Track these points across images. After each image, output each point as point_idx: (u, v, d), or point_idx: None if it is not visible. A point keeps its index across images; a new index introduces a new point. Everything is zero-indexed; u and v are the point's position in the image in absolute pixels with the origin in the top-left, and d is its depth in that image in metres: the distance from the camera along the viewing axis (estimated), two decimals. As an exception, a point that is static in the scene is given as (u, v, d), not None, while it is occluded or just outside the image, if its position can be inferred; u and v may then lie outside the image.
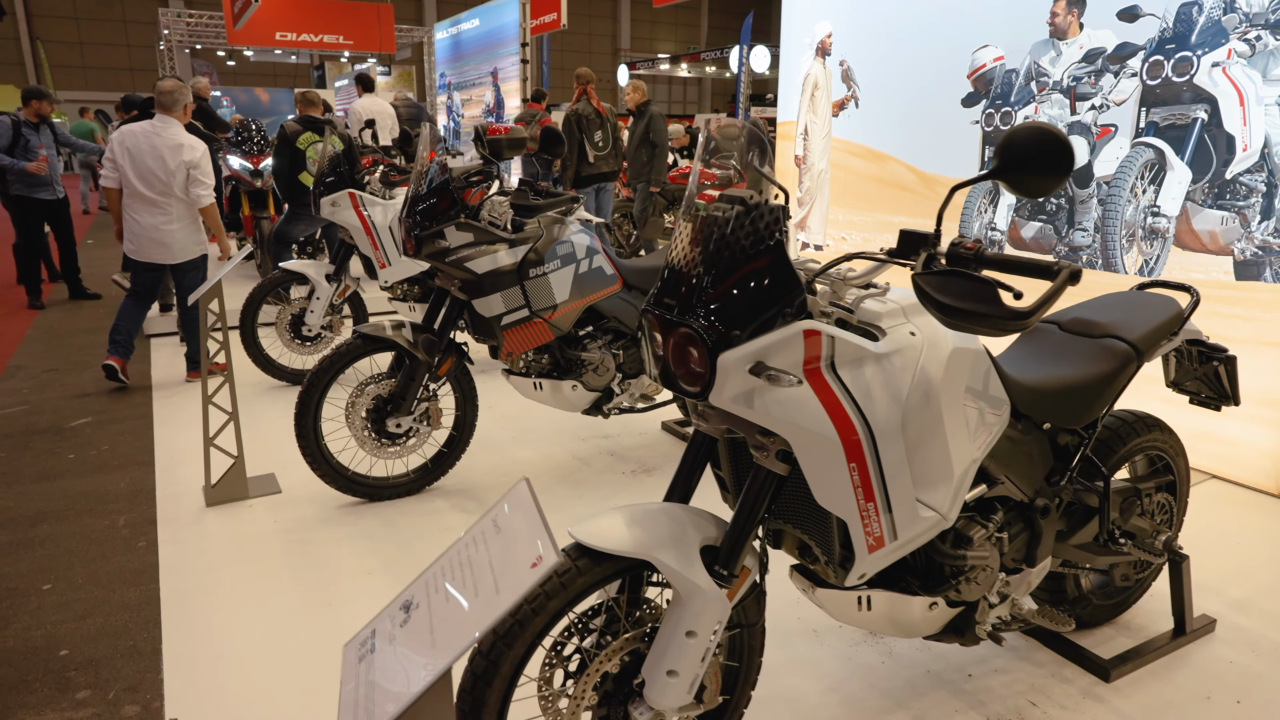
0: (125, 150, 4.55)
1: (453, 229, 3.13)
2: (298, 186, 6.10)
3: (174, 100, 4.59)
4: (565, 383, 3.49)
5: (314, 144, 6.20)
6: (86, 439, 4.14)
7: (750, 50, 19.13)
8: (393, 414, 3.27)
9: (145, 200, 4.61)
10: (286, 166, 6.08)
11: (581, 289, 3.39)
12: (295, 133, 6.08)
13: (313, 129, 6.15)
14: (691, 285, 1.57)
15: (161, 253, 4.74)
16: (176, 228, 4.73)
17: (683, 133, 10.52)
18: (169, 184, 4.59)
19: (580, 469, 3.78)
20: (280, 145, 6.12)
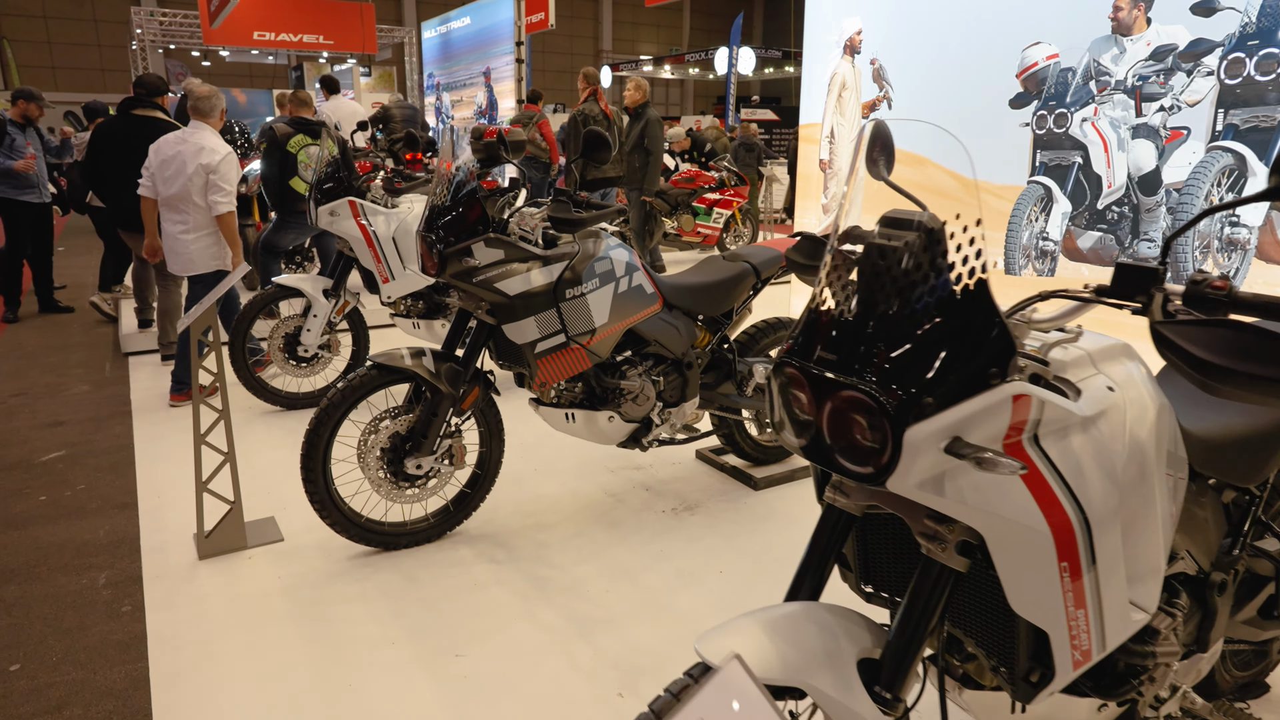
0: (158, 158, 4.38)
1: (481, 245, 2.76)
2: (289, 193, 5.69)
3: (211, 106, 4.44)
4: (601, 414, 3.13)
5: (306, 147, 5.80)
6: (59, 477, 3.72)
7: (738, 52, 18.87)
8: (412, 453, 2.90)
9: (166, 208, 4.45)
10: (277, 171, 5.67)
11: (621, 310, 3.04)
12: (286, 135, 5.68)
13: (305, 131, 5.75)
14: (860, 335, 1.23)
15: (179, 264, 4.50)
16: (193, 237, 4.44)
17: (683, 135, 10.19)
18: (188, 190, 4.35)
19: (614, 507, 3.42)
20: (269, 148, 5.71)
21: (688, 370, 3.31)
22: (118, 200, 5.14)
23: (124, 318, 6.12)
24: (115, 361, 5.59)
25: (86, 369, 5.43)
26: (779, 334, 3.64)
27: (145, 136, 5.04)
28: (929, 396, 1.15)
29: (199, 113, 4.45)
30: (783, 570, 2.92)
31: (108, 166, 5.07)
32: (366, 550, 3.03)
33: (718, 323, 3.45)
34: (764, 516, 3.34)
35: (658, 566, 2.95)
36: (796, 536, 3.17)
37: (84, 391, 4.95)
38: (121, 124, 5.07)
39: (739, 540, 3.14)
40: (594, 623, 2.60)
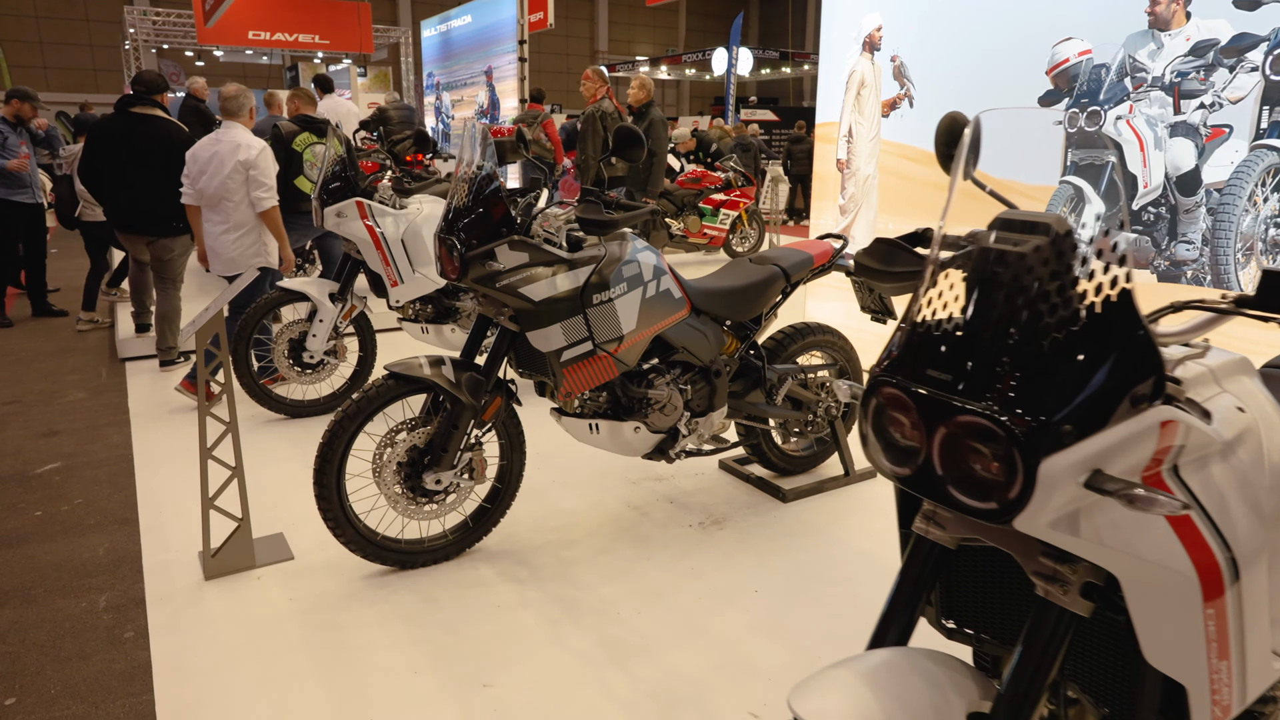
0: (194, 160, 4.35)
1: (505, 248, 2.61)
2: (293, 193, 5.52)
3: (239, 105, 4.43)
4: (626, 424, 2.98)
5: (312, 145, 5.64)
6: (56, 490, 3.56)
7: (738, 53, 18.76)
8: (431, 468, 2.75)
9: (206, 209, 4.41)
10: (281, 170, 5.50)
11: (649, 316, 2.89)
12: (291, 133, 5.51)
13: (311, 130, 5.58)
14: (980, 353, 1.08)
15: (221, 264, 4.44)
16: (234, 237, 4.39)
17: (689, 136, 10.03)
18: (227, 190, 4.31)
19: (639, 521, 3.27)
20: (274, 146, 5.54)
21: (716, 378, 3.17)
22: (115, 202, 4.97)
23: (120, 322, 5.94)
24: (112, 367, 5.42)
25: (82, 375, 5.26)
26: (807, 340, 3.50)
27: (144, 135, 4.89)
28: (1067, 423, 1.01)
29: (229, 112, 4.43)
30: (821, 589, 2.78)
31: (105, 166, 4.90)
32: (381, 569, 2.88)
33: (745, 328, 3.31)
34: (796, 531, 3.20)
35: (689, 585, 2.80)
36: (832, 552, 3.03)
37: (80, 399, 4.78)
38: (119, 122, 4.90)
39: (773, 557, 2.99)
40: (628, 648, 2.46)
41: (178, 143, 4.92)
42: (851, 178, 5.34)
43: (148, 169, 4.89)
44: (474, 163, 2.70)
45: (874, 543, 3.11)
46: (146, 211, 4.93)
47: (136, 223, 4.98)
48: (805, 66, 30.58)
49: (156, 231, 4.99)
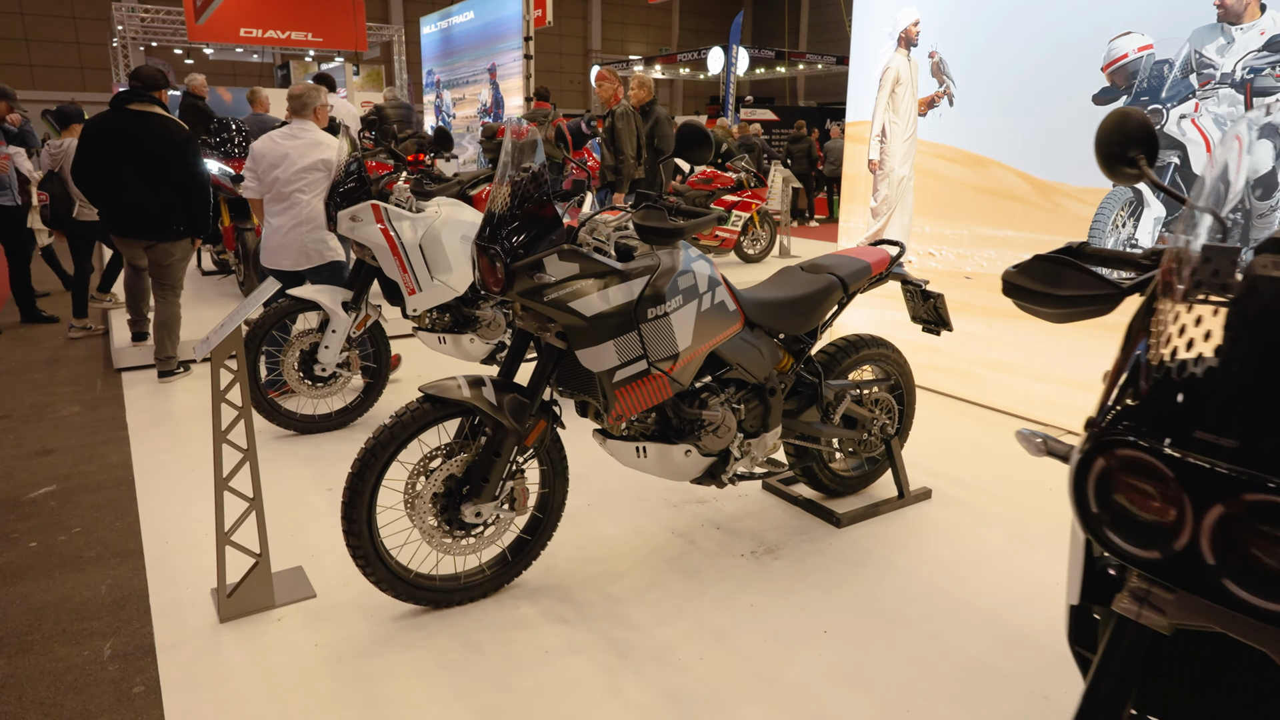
0: (261, 157, 4.30)
1: (554, 258, 2.37)
2: None
3: (303, 104, 4.39)
4: (677, 448, 2.75)
5: None
6: (52, 517, 3.29)
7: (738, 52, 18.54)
8: (471, 499, 2.50)
9: (275, 203, 4.32)
10: None
11: (705, 331, 2.65)
12: None
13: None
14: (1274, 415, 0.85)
15: (291, 258, 4.30)
16: (305, 230, 4.27)
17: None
18: (300, 185, 4.26)
19: (687, 550, 3.03)
20: None
21: (770, 396, 2.93)
22: (111, 203, 4.68)
23: (115, 330, 5.66)
24: (107, 378, 5.15)
25: (76, 387, 4.99)
26: (862, 354, 3.27)
27: (143, 134, 4.62)
28: None
29: (295, 112, 4.39)
30: (895, 630, 2.55)
31: (100, 166, 4.62)
32: (413, 608, 2.63)
33: (799, 342, 3.08)
34: (857, 561, 2.97)
35: (752, 626, 2.56)
36: (900, 586, 2.80)
37: (74, 414, 4.51)
38: (117, 120, 4.62)
39: (836, 592, 2.76)
40: (695, 702, 2.22)
41: (179, 142, 4.65)
42: (885, 179, 5.11)
43: (147, 169, 4.62)
44: (519, 164, 2.46)
45: (942, 574, 2.88)
46: (145, 214, 4.67)
47: (134, 226, 4.71)
48: (800, 66, 30.46)
49: (156, 235, 4.73)
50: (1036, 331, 4.37)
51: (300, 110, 4.38)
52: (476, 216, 4.30)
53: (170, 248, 4.81)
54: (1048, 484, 3.65)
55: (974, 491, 3.57)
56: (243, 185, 4.42)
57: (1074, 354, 4.21)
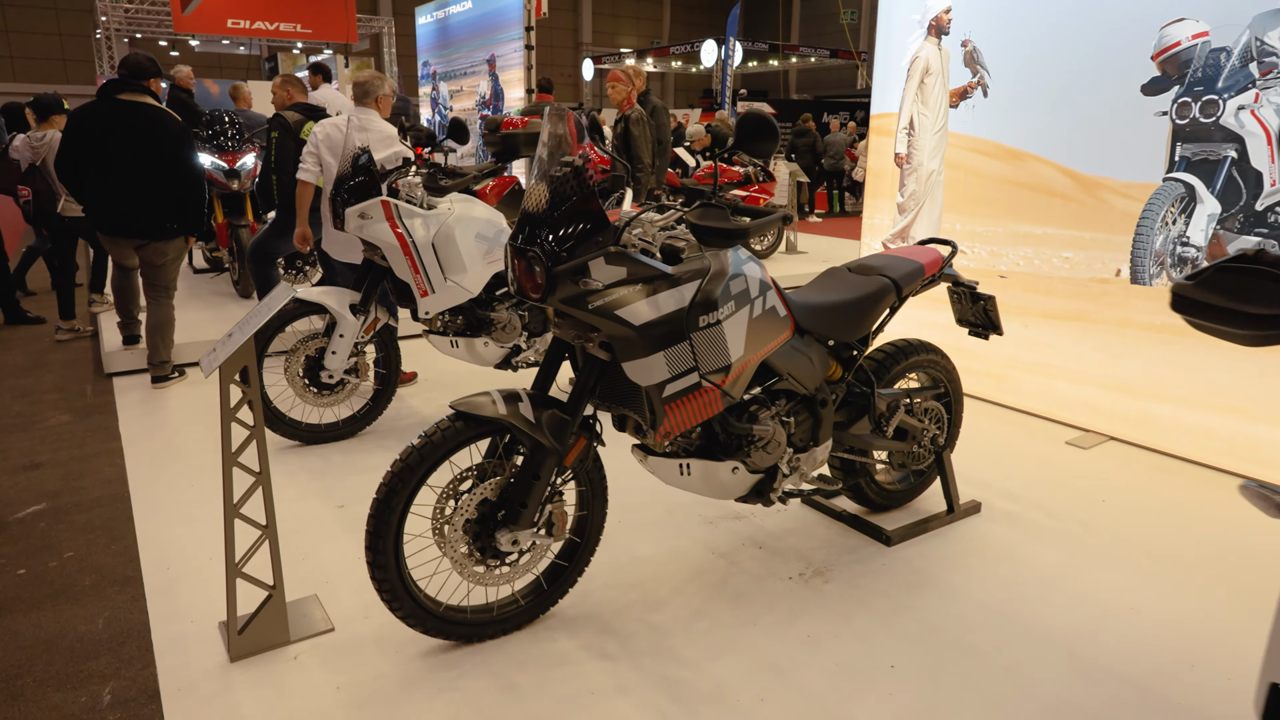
0: (327, 145, 4.17)
1: (600, 261, 2.15)
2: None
3: (365, 91, 4.25)
4: (723, 464, 2.54)
5: None
6: (41, 540, 3.05)
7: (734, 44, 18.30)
8: (507, 525, 2.28)
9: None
10: (290, 164, 4.98)
11: (757, 339, 2.44)
12: (298, 123, 4.99)
13: (313, 118, 5.08)
14: None
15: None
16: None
17: (703, 133, 9.55)
18: None
19: (730, 573, 2.82)
20: (283, 139, 5.00)
21: (822, 408, 2.73)
22: (98, 200, 4.41)
23: (106, 332, 5.40)
24: (98, 384, 4.89)
25: (64, 394, 4.73)
26: (911, 360, 3.07)
27: (134, 126, 4.36)
28: None
29: (359, 99, 4.25)
30: (967, 664, 2.35)
31: (86, 160, 4.35)
32: (442, 644, 2.41)
33: (849, 349, 2.87)
34: (913, 583, 2.77)
35: (811, 660, 2.36)
36: (963, 613, 2.60)
37: (63, 423, 4.26)
38: (106, 111, 4.36)
39: (897, 620, 2.56)
40: (762, 752, 2.01)
41: (173, 135, 4.40)
42: (912, 174, 4.91)
43: (138, 164, 4.36)
44: (558, 157, 2.24)
45: (1005, 597, 2.69)
46: (136, 212, 4.42)
47: (124, 224, 4.46)
48: (793, 59, 30.23)
49: (148, 234, 4.47)
50: (1074, 332, 4.19)
51: (362, 98, 4.23)
52: (490, 213, 4.07)
53: (163, 247, 4.55)
54: (1099, 496, 3.46)
55: (1024, 504, 3.38)
56: (302, 168, 4.22)
57: (1116, 356, 4.03)
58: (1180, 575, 2.84)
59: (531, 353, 4.25)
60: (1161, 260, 3.83)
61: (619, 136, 5.88)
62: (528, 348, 4.23)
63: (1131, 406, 4.00)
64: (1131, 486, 3.57)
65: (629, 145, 5.85)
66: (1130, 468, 3.77)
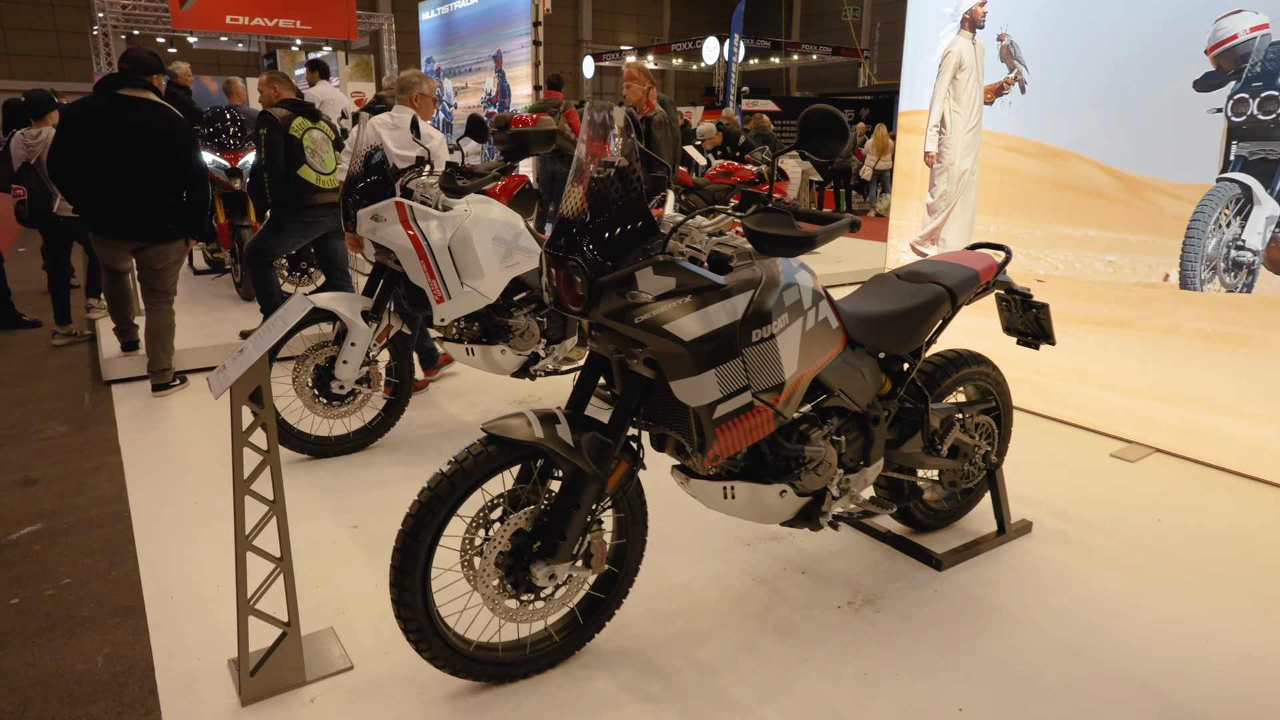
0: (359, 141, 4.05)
1: (648, 272, 1.96)
2: (298, 185, 4.82)
3: (401, 88, 4.33)
4: (771, 488, 2.36)
5: (309, 131, 4.92)
6: (37, 564, 2.86)
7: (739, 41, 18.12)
8: (544, 558, 2.10)
9: None
10: (282, 161, 4.78)
11: (810, 354, 2.26)
12: (287, 119, 4.79)
13: (303, 114, 4.87)
14: None
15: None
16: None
17: (715, 131, 9.35)
18: None
19: (774, 602, 2.64)
20: (272, 135, 4.78)
21: (874, 426, 2.55)
22: (96, 200, 4.21)
23: (104, 337, 5.20)
24: (95, 392, 4.70)
25: (61, 402, 4.54)
26: (962, 372, 2.88)
27: (137, 122, 4.15)
28: None
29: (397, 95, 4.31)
30: (1039, 706, 2.17)
31: (83, 158, 4.15)
32: (470, 684, 2.23)
33: (898, 361, 2.69)
34: (970, 613, 2.59)
35: (872, 702, 2.18)
36: (1028, 646, 2.42)
37: (60, 435, 4.06)
38: (105, 105, 4.15)
39: (958, 655, 2.38)
40: (830, 812, 1.83)
41: (178, 133, 4.21)
42: (943, 173, 4.73)
43: (141, 162, 4.17)
44: (603, 155, 2.05)
45: (1070, 628, 2.51)
46: (136, 213, 4.22)
47: (123, 226, 4.26)
48: (794, 57, 30.03)
49: (148, 236, 4.28)
50: (1117, 339, 4.01)
51: (399, 94, 4.24)
52: (508, 214, 3.88)
53: (165, 250, 4.36)
54: (1154, 514, 3.29)
55: (1075, 523, 3.19)
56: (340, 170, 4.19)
57: (1162, 364, 3.85)
58: (1253, 603, 2.67)
59: (550, 360, 4.07)
60: (1214, 265, 3.65)
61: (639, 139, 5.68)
62: (546, 355, 4.05)
63: (1179, 417, 3.82)
64: (1186, 504, 3.39)
65: (650, 149, 5.65)
66: (1181, 483, 3.59)
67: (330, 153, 5.06)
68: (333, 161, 5.06)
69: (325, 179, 5.02)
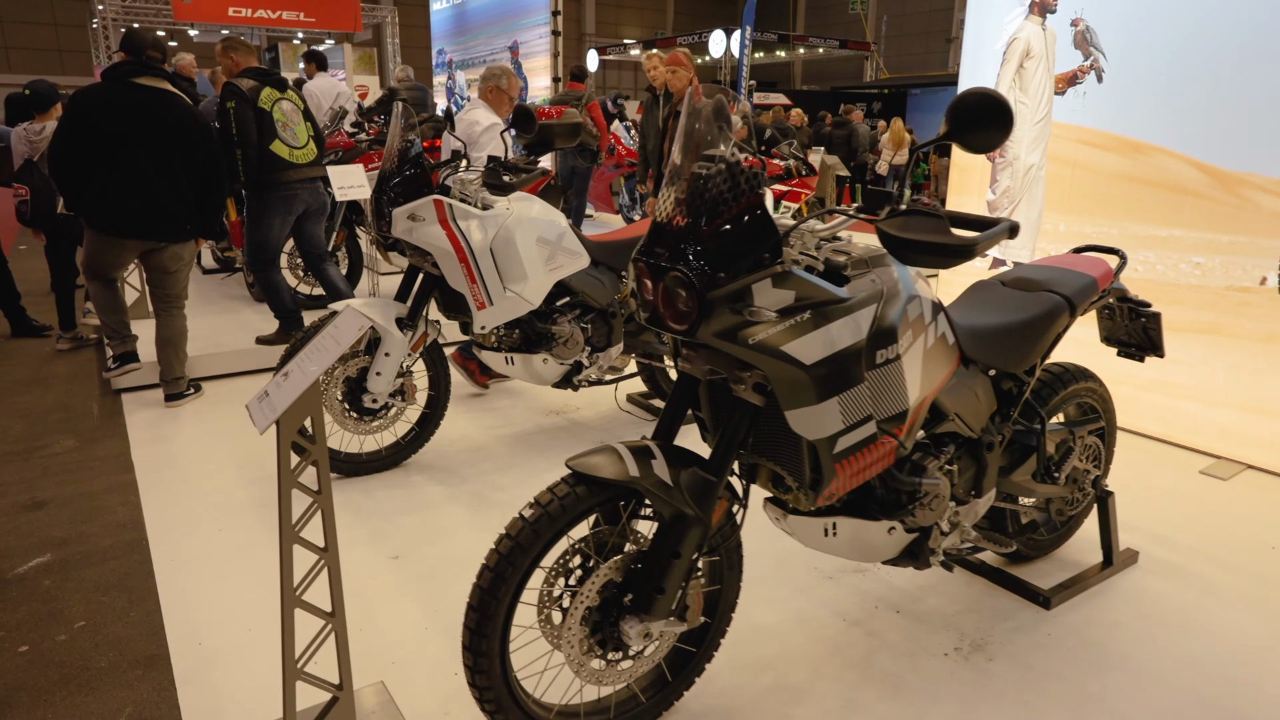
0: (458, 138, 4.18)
1: (767, 284, 1.68)
2: (270, 161, 4.54)
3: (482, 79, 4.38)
4: (879, 525, 2.08)
5: (279, 102, 4.63)
6: (46, 603, 2.58)
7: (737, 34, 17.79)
8: (637, 613, 1.82)
9: None
10: (255, 136, 4.47)
11: (931, 375, 1.98)
12: (255, 90, 4.48)
13: (270, 84, 4.57)
14: None
15: None
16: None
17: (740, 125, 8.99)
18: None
19: (873, 648, 2.36)
20: (241, 108, 4.43)
21: (987, 452, 2.27)
22: (105, 198, 3.85)
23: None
24: (104, 402, 4.42)
25: (68, 413, 4.25)
26: (1071, 389, 2.60)
27: (162, 114, 3.83)
28: None
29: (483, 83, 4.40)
30: None
31: (94, 152, 3.82)
32: (547, 752, 1.95)
33: (1011, 380, 2.41)
34: (1092, 661, 2.31)
35: (1008, 775, 1.90)
36: (1170, 704, 2.14)
37: (68, 450, 3.78)
38: (118, 96, 3.81)
39: (1088, 713, 2.10)
40: None
41: (202, 126, 3.93)
42: (1006, 168, 4.44)
43: (160, 157, 3.87)
44: (703, 148, 1.76)
45: (1210, 684, 2.23)
46: (155, 211, 3.90)
47: (140, 224, 3.91)
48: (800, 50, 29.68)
49: (166, 236, 3.98)
50: (1204, 347, 3.73)
51: (481, 83, 4.31)
52: (549, 212, 3.60)
53: (181, 250, 4.08)
54: (1266, 540, 3.01)
55: (1183, 552, 2.92)
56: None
57: (1258, 374, 3.57)
58: (1406, 648, 2.39)
59: (594, 369, 3.79)
60: (1320, 267, 3.37)
61: None
62: (590, 364, 3.76)
63: (1275, 431, 3.54)
64: (1297, 528, 3.12)
65: None
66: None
67: (301, 124, 4.75)
68: (304, 134, 4.76)
69: (298, 153, 4.72)
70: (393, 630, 2.41)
